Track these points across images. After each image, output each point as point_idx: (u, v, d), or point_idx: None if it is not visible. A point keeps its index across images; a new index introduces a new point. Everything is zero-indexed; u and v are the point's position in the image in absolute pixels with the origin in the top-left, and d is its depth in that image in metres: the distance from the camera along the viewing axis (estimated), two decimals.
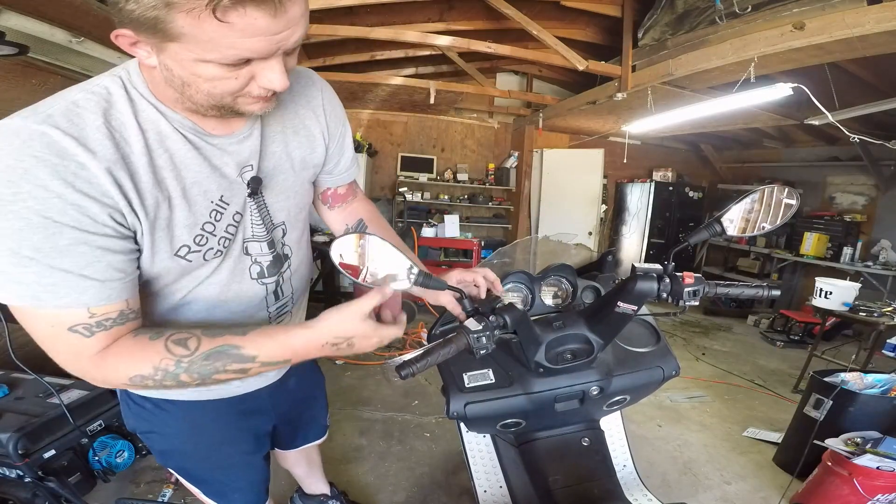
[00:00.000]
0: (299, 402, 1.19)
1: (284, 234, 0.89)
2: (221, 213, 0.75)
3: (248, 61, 0.59)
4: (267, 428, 1.09)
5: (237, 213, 0.78)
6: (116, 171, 0.61)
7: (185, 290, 0.78)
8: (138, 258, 0.68)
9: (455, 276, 0.96)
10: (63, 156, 0.57)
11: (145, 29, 0.54)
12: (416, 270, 0.77)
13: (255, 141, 0.78)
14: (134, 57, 0.64)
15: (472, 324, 0.78)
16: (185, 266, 0.73)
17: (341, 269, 0.74)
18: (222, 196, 0.75)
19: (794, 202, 0.84)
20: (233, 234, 0.78)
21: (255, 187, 0.80)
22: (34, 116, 0.58)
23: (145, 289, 0.74)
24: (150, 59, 0.60)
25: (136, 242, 0.67)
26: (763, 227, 0.85)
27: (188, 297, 0.79)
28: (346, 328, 0.69)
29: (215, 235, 0.75)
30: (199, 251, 0.74)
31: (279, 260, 0.88)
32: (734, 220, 0.87)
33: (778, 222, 0.85)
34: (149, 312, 0.76)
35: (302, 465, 1.53)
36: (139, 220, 0.65)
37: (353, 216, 1.09)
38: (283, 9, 0.54)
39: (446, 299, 0.92)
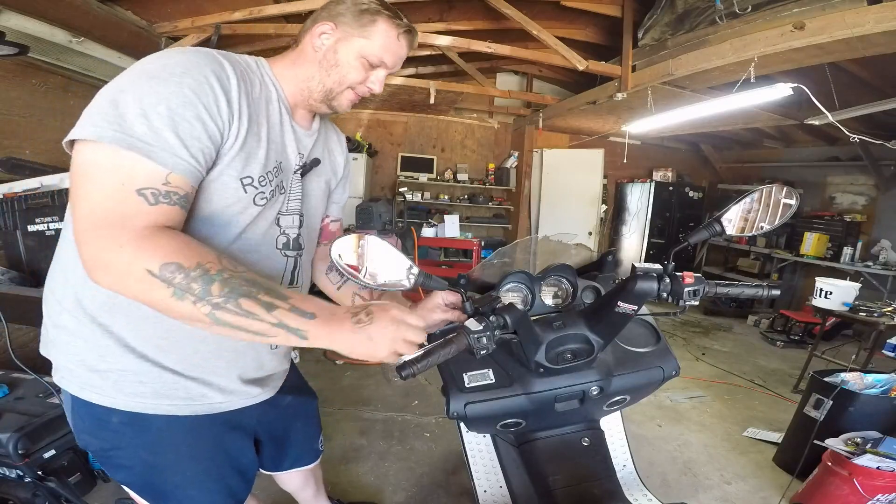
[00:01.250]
0: (289, 420, 1.18)
1: (302, 225, 0.97)
2: (275, 175, 0.88)
3: (374, 67, 0.91)
4: (247, 446, 1.03)
5: (282, 185, 0.90)
6: (243, 93, 0.79)
7: (237, 228, 0.83)
8: (211, 169, 0.78)
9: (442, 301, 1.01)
10: (222, 67, 0.77)
11: (351, 20, 0.88)
12: (415, 271, 0.77)
13: (312, 141, 0.99)
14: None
15: (472, 324, 0.78)
16: (240, 196, 0.81)
17: (341, 269, 0.74)
18: (281, 163, 0.90)
19: (792, 202, 0.84)
20: (273, 198, 0.88)
21: (310, 167, 0.97)
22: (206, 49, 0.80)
23: (202, 211, 0.79)
24: (326, 41, 0.89)
25: (219, 152, 0.78)
26: (762, 227, 0.85)
27: (237, 236, 0.84)
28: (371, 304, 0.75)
29: (271, 185, 0.86)
30: (256, 190, 0.83)
31: (298, 241, 0.97)
32: (734, 219, 0.87)
33: (777, 222, 0.85)
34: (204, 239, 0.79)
35: (308, 489, 1.46)
36: (238, 132, 0.78)
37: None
38: (411, 47, 0.95)
39: (437, 302, 0.99)
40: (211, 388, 0.88)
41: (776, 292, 0.89)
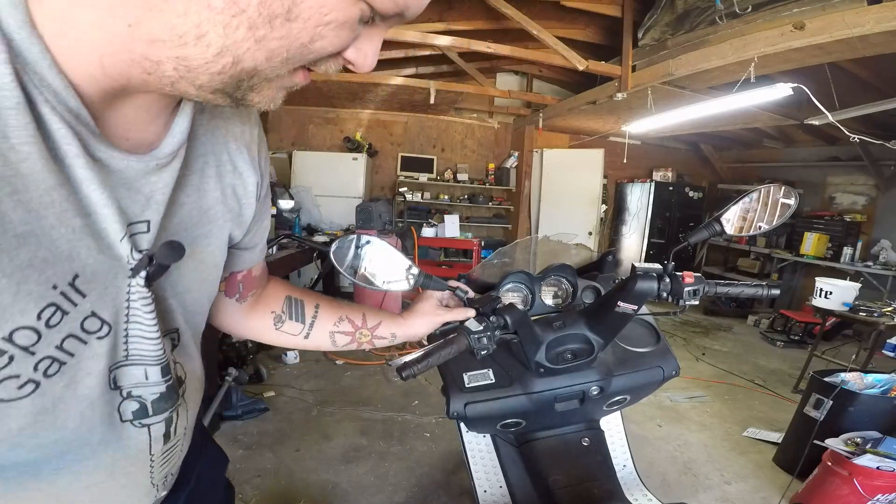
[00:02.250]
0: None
1: (175, 347, 0.53)
2: (63, 313, 0.37)
3: (371, 21, 0.39)
4: None
5: (93, 315, 0.39)
6: None
7: None
8: None
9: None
10: None
11: None
12: (415, 271, 0.77)
13: (171, 177, 0.44)
14: None
15: (472, 324, 0.78)
16: None
17: (341, 271, 0.74)
18: (76, 276, 0.37)
19: (791, 202, 0.84)
20: (72, 355, 0.39)
21: (165, 265, 0.44)
22: None
23: None
24: None
25: None
26: (760, 227, 0.85)
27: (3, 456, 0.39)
28: None
29: (33, 354, 0.35)
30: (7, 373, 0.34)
31: (174, 388, 0.51)
32: (733, 219, 0.86)
33: (776, 222, 0.85)
34: None
35: None
36: None
37: (275, 301, 0.74)
38: None
39: (441, 317, 0.86)
40: None
41: (776, 292, 0.89)
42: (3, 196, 0.31)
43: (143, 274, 0.42)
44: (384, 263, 0.76)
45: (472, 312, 0.84)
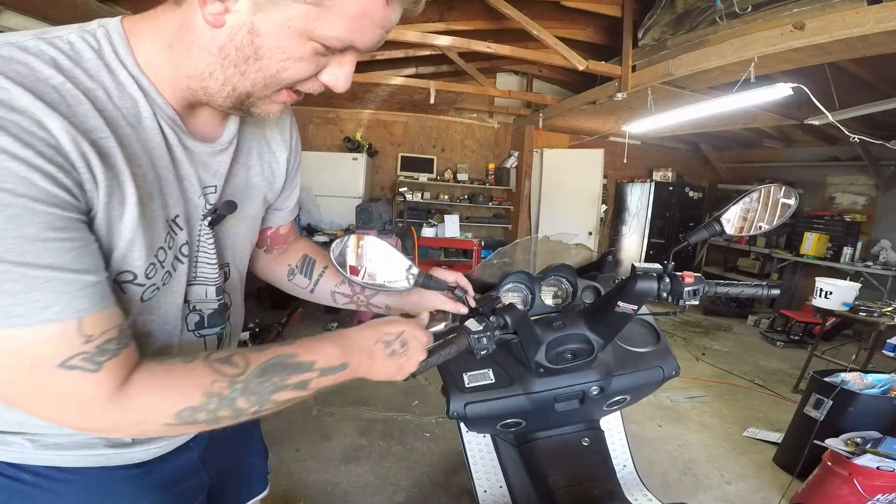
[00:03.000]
0: (234, 449, 0.92)
1: (227, 279, 0.72)
2: (173, 240, 0.58)
3: (335, 52, 0.53)
4: (202, 493, 0.79)
5: (185, 243, 0.60)
6: (80, 139, 0.44)
7: None
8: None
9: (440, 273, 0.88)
10: (12, 107, 0.41)
11: None
12: (415, 271, 0.77)
13: (228, 158, 0.64)
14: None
15: (472, 324, 0.78)
16: (119, 299, 0.52)
17: (340, 270, 0.74)
18: (177, 217, 0.58)
19: (791, 202, 0.84)
20: (174, 271, 0.60)
21: (224, 215, 0.65)
22: None
23: None
24: (232, 16, 0.48)
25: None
26: (760, 227, 0.85)
27: None
28: (396, 324, 0.68)
29: (163, 267, 0.57)
30: (142, 288, 0.55)
31: (224, 309, 0.72)
32: (733, 219, 0.86)
33: (776, 222, 0.85)
34: None
35: None
36: (95, 209, 0.47)
37: (293, 256, 0.91)
38: (412, 11, 0.53)
39: (441, 300, 0.88)
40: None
41: (776, 292, 0.89)
42: (150, 169, 0.53)
43: (209, 220, 0.64)
44: (384, 263, 0.76)
45: (464, 309, 0.85)
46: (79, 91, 0.46)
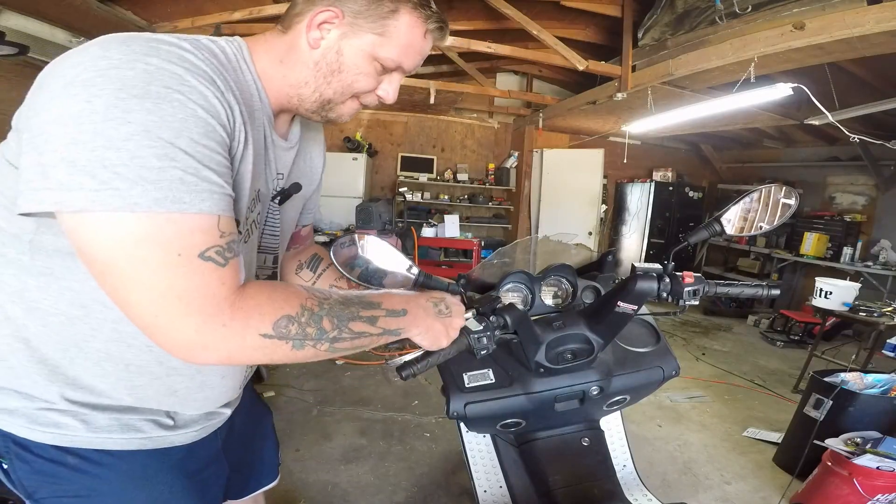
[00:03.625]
0: (249, 440, 1.00)
1: (275, 263, 0.86)
2: (254, 206, 0.71)
3: (389, 71, 0.72)
4: (222, 479, 0.86)
5: (259, 214, 0.74)
6: (234, 100, 0.59)
7: None
8: None
9: None
10: (196, 66, 0.55)
11: (363, 8, 0.65)
12: (415, 270, 0.77)
13: (293, 155, 0.80)
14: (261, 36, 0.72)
15: (472, 324, 0.78)
16: None
17: (340, 270, 0.74)
18: (259, 191, 0.72)
19: (791, 202, 0.84)
20: (252, 234, 0.73)
21: (291, 193, 0.81)
22: (156, 38, 0.55)
23: None
24: (327, 35, 0.67)
25: None
26: (760, 227, 0.85)
27: None
28: (437, 292, 0.78)
29: (247, 224, 0.71)
30: (239, 233, 0.65)
31: (274, 277, 0.86)
32: (733, 219, 0.86)
33: (776, 222, 0.85)
34: None
35: None
36: (234, 158, 0.61)
37: (305, 255, 1.04)
38: (439, 43, 0.78)
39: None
40: (176, 417, 0.72)
41: (776, 292, 0.89)
42: (256, 154, 0.66)
43: (279, 198, 0.79)
44: (383, 263, 0.76)
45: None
46: (227, 71, 0.61)
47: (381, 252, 0.76)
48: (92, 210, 0.48)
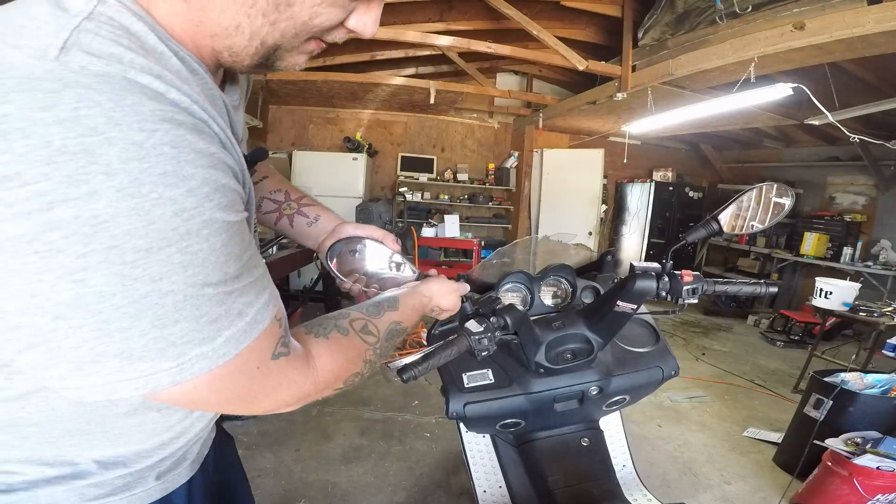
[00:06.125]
0: (223, 488, 0.83)
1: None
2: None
3: None
4: None
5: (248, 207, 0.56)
6: (202, 100, 0.42)
7: None
8: None
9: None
10: (177, 105, 0.38)
11: None
12: (414, 271, 0.77)
13: (242, 114, 0.63)
14: None
15: (473, 325, 0.78)
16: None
17: (335, 273, 0.74)
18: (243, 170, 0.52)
19: (784, 201, 0.84)
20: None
21: (257, 160, 0.60)
22: (77, 52, 0.34)
23: None
24: None
25: None
26: (753, 227, 0.85)
27: None
28: (429, 285, 0.78)
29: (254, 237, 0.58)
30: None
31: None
32: (730, 218, 0.87)
33: (770, 221, 0.85)
34: None
35: None
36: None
37: None
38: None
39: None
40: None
41: (774, 290, 0.89)
42: (217, 114, 0.45)
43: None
44: (380, 263, 0.76)
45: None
46: (177, 75, 0.41)
47: (381, 252, 0.76)
48: (187, 378, 0.41)
